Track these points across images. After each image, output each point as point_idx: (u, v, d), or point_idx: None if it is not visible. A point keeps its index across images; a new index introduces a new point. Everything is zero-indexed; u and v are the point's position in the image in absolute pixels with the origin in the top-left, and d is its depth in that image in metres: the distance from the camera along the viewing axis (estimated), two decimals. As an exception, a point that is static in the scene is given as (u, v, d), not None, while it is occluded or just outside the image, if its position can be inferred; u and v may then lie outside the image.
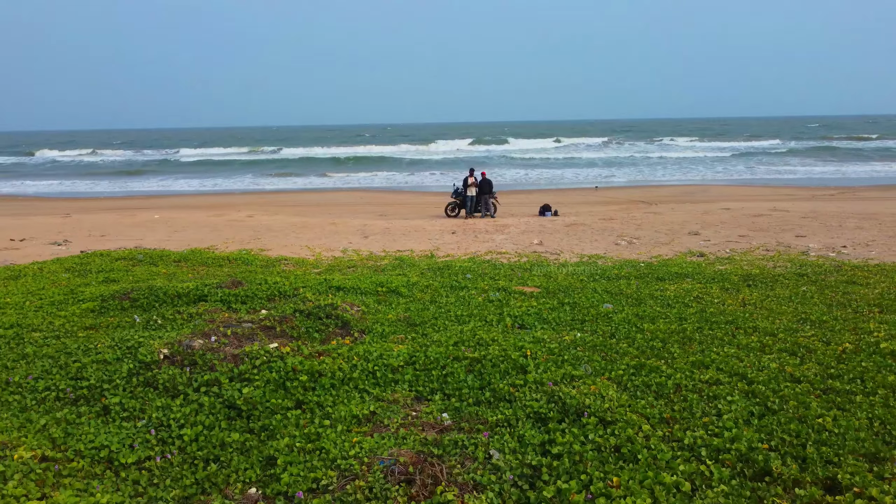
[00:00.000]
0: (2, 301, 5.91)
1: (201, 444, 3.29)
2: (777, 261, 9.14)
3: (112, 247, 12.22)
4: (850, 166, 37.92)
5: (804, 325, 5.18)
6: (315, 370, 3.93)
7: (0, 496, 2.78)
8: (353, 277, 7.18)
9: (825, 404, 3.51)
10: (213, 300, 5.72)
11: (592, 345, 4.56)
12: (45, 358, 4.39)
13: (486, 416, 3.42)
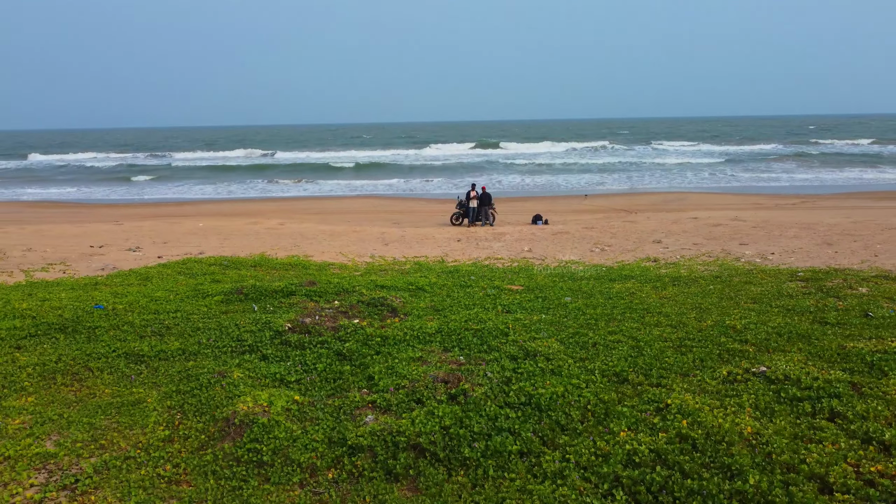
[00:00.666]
0: (153, 295, 8.62)
1: (328, 372, 6.00)
2: (710, 266, 11.84)
3: (176, 253, 14.94)
4: (829, 173, 40.62)
5: (693, 311, 7.88)
6: (384, 335, 6.65)
7: (237, 391, 5.48)
8: (389, 278, 9.88)
9: (674, 353, 6.22)
10: (299, 294, 8.43)
11: (550, 321, 7.27)
12: (212, 330, 7.11)
13: (484, 357, 6.13)
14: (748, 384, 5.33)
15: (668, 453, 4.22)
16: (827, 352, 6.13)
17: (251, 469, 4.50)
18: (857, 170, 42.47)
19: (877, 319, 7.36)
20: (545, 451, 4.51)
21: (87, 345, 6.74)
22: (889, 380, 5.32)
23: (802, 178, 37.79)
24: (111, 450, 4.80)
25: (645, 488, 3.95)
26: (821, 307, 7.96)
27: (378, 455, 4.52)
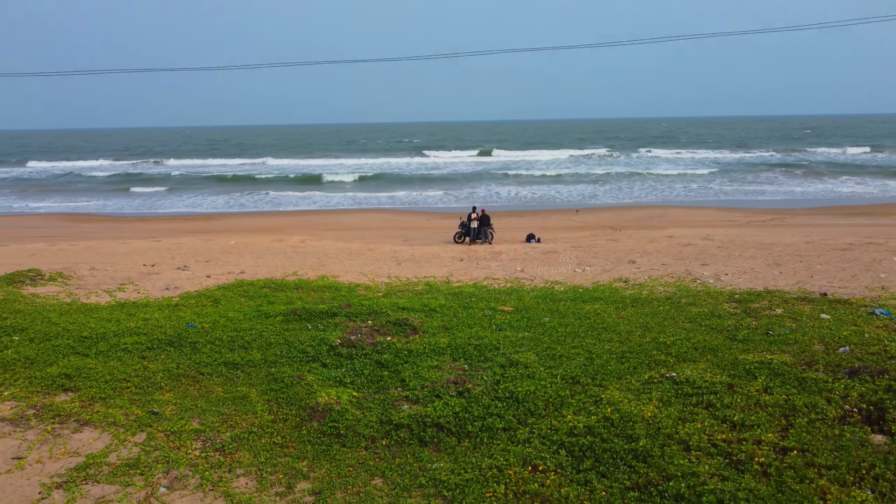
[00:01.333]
0: (227, 315, 11.17)
1: (372, 376, 8.54)
2: (668, 286, 14.37)
3: (220, 272, 17.46)
4: (811, 184, 43.23)
5: (639, 329, 10.43)
6: (409, 349, 9.20)
7: (313, 389, 8.01)
8: (406, 300, 12.41)
9: (616, 362, 8.76)
10: (341, 315, 10.98)
11: (531, 338, 9.83)
12: (282, 344, 9.66)
13: (481, 365, 8.68)
14: (660, 385, 7.87)
15: (595, 428, 6.76)
16: (724, 362, 8.67)
17: (332, 439, 7.05)
18: (839, 180, 45.07)
19: (774, 337, 9.90)
20: (520, 427, 7.06)
21: (194, 356, 9.30)
22: (756, 382, 7.86)
23: (785, 192, 40.26)
24: (238, 427, 7.35)
25: (578, 448, 6.48)
26: (737, 326, 10.51)
27: (413, 429, 7.07)
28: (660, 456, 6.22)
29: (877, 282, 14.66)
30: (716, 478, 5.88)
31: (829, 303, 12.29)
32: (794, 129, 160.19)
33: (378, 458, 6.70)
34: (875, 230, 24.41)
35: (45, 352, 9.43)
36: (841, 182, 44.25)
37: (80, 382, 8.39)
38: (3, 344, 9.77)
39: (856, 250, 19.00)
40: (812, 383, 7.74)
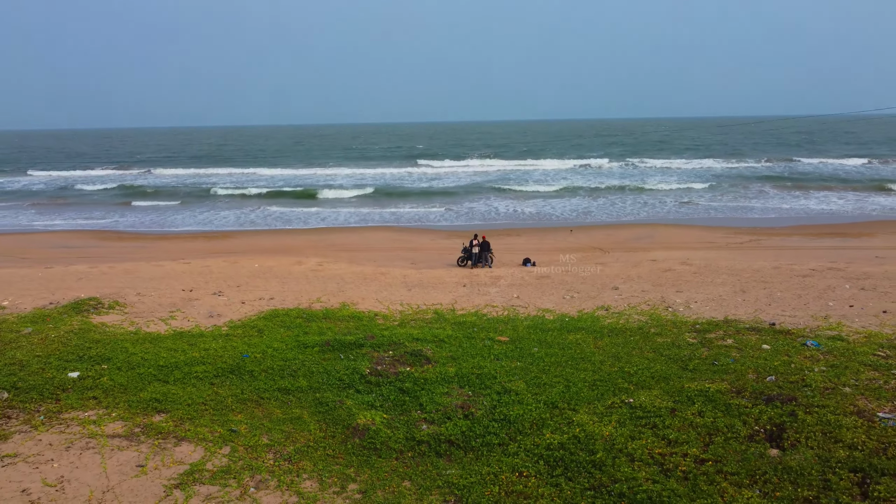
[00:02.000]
0: (273, 346, 13.53)
1: (396, 401, 10.91)
2: (642, 315, 16.71)
3: (251, 297, 19.79)
4: (795, 200, 45.46)
5: (610, 359, 12.78)
6: (425, 377, 11.57)
7: (352, 411, 10.38)
8: (419, 330, 14.77)
9: (588, 389, 11.12)
10: (366, 347, 13.34)
11: (521, 367, 12.19)
12: (322, 373, 12.02)
13: (482, 392, 11.04)
14: (619, 409, 10.24)
15: (566, 444, 9.13)
16: (672, 390, 11.03)
17: (371, 452, 9.41)
18: (825, 195, 47.46)
19: (718, 366, 12.26)
20: (510, 443, 9.42)
21: (253, 382, 11.68)
22: (693, 407, 10.22)
23: (769, 208, 42.39)
24: (298, 442, 9.72)
25: (552, 459, 8.85)
26: (690, 357, 12.87)
27: (431, 444, 9.44)
28: (611, 465, 8.59)
29: (823, 310, 17.04)
30: (649, 481, 8.25)
31: (774, 333, 14.66)
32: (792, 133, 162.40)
33: (406, 466, 9.07)
34: (840, 254, 26.75)
35: (133, 379, 11.81)
36: (824, 197, 46.49)
37: (168, 406, 10.77)
38: (98, 372, 12.14)
39: (815, 276, 21.37)
40: (735, 408, 10.11)
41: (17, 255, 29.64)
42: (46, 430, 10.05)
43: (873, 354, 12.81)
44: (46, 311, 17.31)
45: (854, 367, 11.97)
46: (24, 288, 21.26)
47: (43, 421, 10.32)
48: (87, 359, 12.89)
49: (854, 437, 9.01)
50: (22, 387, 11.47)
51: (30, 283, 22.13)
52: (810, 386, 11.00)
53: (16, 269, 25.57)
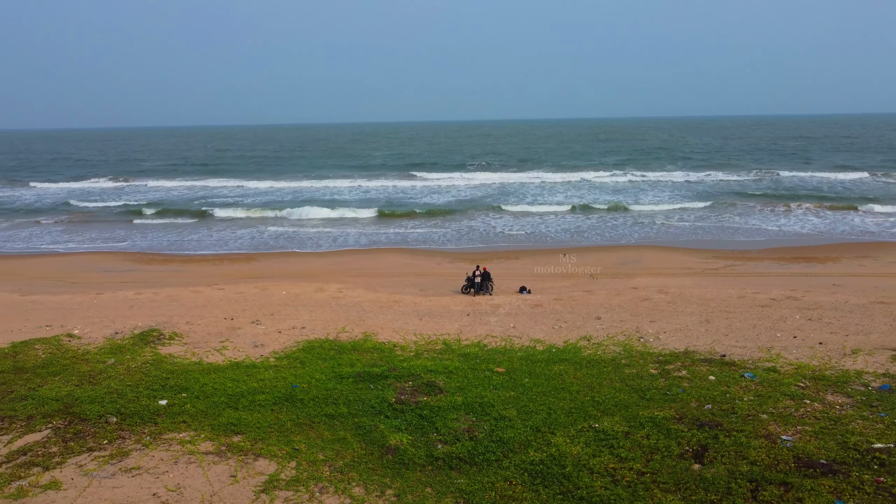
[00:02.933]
0: (315, 377, 16.81)
1: (417, 425, 14.19)
2: (617, 346, 19.94)
3: (285, 326, 23.04)
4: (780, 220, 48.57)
5: (585, 388, 16.05)
6: (438, 405, 14.87)
7: (385, 433, 13.68)
8: (431, 362, 18.04)
9: (565, 416, 14.40)
10: (390, 378, 16.64)
11: (514, 397, 15.47)
12: (357, 401, 15.33)
13: (483, 418, 14.33)
14: (587, 433, 13.50)
15: (545, 460, 12.40)
16: (630, 416, 14.29)
17: (401, 466, 12.68)
18: (805, 213, 50.65)
19: (670, 395, 15.51)
20: (504, 459, 12.70)
21: (304, 409, 14.96)
22: (643, 430, 13.47)
23: (753, 230, 45.27)
24: (345, 458, 12.99)
25: (534, 472, 12.11)
26: (649, 387, 16.12)
27: (446, 460, 12.72)
28: (576, 476, 11.87)
29: (770, 341, 20.30)
30: (602, 488, 11.52)
31: (722, 365, 17.94)
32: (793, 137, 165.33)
33: (427, 477, 12.35)
34: (803, 281, 30.00)
35: (210, 406, 15.11)
36: (804, 216, 49.72)
37: (243, 428, 14.06)
38: (181, 400, 15.45)
39: (773, 306, 24.62)
40: (674, 432, 13.38)
41: (68, 280, 32.99)
42: (155, 448, 13.34)
43: (795, 385, 16.10)
44: (117, 341, 20.66)
45: (775, 397, 15.25)
46: (85, 316, 24.62)
47: (150, 441, 13.61)
48: (169, 388, 16.20)
49: (757, 456, 12.28)
50: (125, 412, 14.78)
51: (88, 311, 25.49)
52: (736, 413, 14.28)
53: (71, 294, 28.95)
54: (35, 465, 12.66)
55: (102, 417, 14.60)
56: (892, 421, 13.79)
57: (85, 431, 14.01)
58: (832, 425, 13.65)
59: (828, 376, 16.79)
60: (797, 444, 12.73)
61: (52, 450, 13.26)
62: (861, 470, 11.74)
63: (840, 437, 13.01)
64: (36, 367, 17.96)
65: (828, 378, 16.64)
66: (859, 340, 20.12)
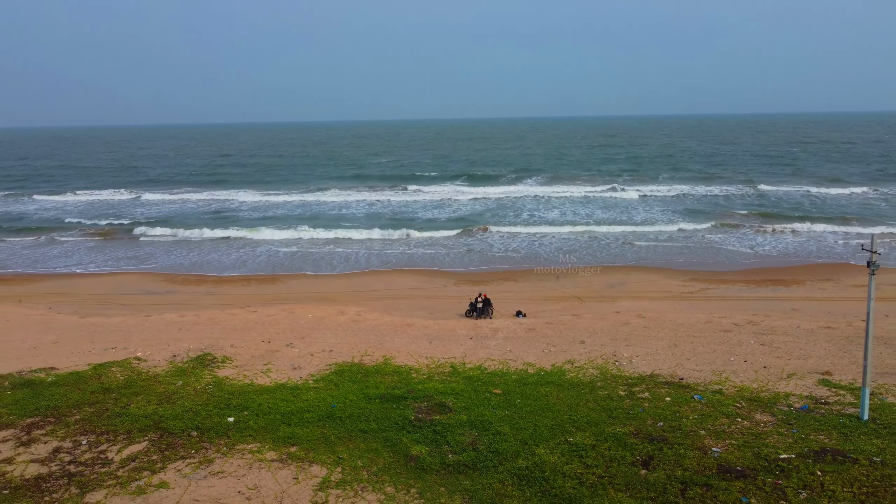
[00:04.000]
0: (348, 398, 20.86)
1: (431, 439, 18.25)
2: (595, 369, 23.94)
3: (316, 349, 27.07)
4: (758, 240, 52.49)
5: (565, 408, 20.09)
6: (448, 422, 18.94)
7: (408, 445, 17.75)
8: (441, 384, 22.09)
9: (548, 431, 18.46)
10: (409, 399, 20.71)
11: (507, 415, 19.52)
12: (384, 419, 19.39)
13: (483, 433, 18.38)
14: (563, 445, 17.55)
15: (530, 467, 16.44)
16: (597, 432, 18.32)
17: (421, 471, 16.73)
18: (781, 230, 54.61)
19: (632, 414, 19.53)
20: (499, 466, 16.76)
21: (343, 425, 19.03)
22: (606, 444, 17.51)
23: (734, 251, 48.93)
24: (378, 465, 17.05)
25: (521, 476, 16.15)
26: (616, 407, 20.14)
27: (455, 467, 16.78)
28: (552, 479, 15.92)
29: (724, 365, 24.32)
30: (571, 488, 15.55)
31: (678, 387, 21.97)
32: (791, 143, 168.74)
33: (441, 479, 16.39)
34: (766, 305, 34.02)
35: (268, 423, 19.17)
36: (783, 237, 53.55)
37: (297, 441, 18.12)
38: (244, 418, 19.51)
39: (733, 332, 28.63)
40: (630, 445, 17.42)
41: (115, 302, 37.12)
42: (231, 456, 17.41)
43: (733, 405, 20.14)
44: (178, 364, 24.77)
45: (714, 416, 19.29)
46: (143, 338, 28.73)
47: (227, 451, 17.68)
48: (233, 407, 20.28)
49: (689, 464, 16.32)
50: (203, 428, 18.86)
51: (143, 334, 29.60)
52: (681, 429, 18.33)
53: (122, 317, 33.08)
54: (144, 469, 16.74)
55: (185, 432, 18.69)
56: (800, 436, 17.85)
57: (175, 443, 18.09)
58: (753, 439, 17.70)
59: (761, 398, 20.85)
60: (722, 455, 16.79)
61: (153, 458, 17.34)
62: (766, 475, 15.78)
63: (756, 449, 17.06)
64: (120, 388, 22.07)
65: (761, 399, 20.70)
66: (798, 365, 24.19)
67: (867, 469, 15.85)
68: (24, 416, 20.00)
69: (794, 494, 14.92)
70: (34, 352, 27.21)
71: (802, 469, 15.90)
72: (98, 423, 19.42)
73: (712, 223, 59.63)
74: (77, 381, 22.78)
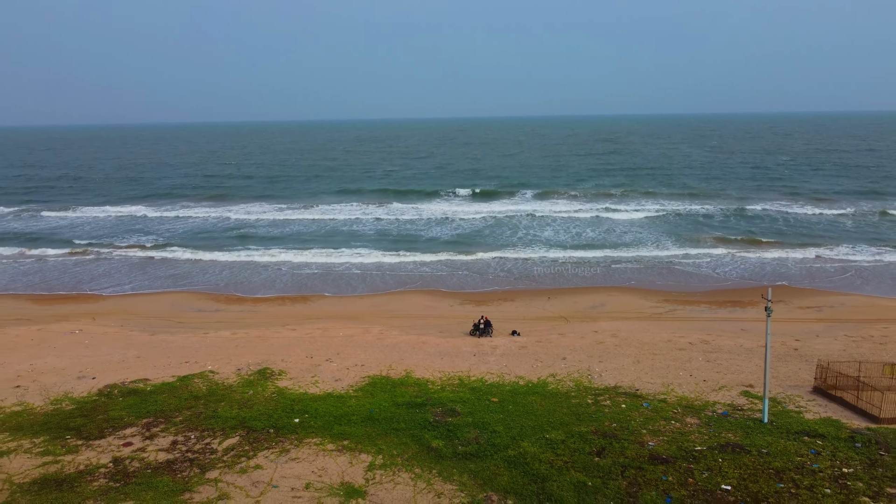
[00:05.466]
0: (382, 405, 27.61)
1: (446, 435, 24.99)
2: (571, 382, 30.60)
3: (350, 364, 33.77)
4: (725, 262, 59.10)
5: (545, 412, 26.79)
6: (458, 424, 25.69)
7: (429, 440, 24.50)
8: (452, 394, 28.79)
9: (531, 430, 25.20)
10: (427, 406, 27.45)
11: (502, 418, 26.23)
12: (411, 420, 26.14)
13: (483, 431, 25.12)
14: (541, 440, 24.26)
15: (516, 455, 23.11)
16: (567, 430, 25.00)
17: (439, 458, 23.43)
18: (753, 252, 61.18)
19: (594, 416, 26.21)
20: (494, 455, 23.44)
21: (380, 426, 25.80)
22: (572, 439, 24.19)
23: (705, 275, 55.71)
24: (408, 453, 23.76)
25: (511, 462, 22.86)
26: (583, 412, 26.82)
27: (463, 455, 23.50)
28: (532, 463, 22.62)
29: (673, 379, 30.99)
30: (545, 470, 22.24)
31: (633, 397, 28.65)
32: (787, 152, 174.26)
33: (453, 464, 23.09)
34: (720, 325, 40.65)
35: (324, 423, 25.90)
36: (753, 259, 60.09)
37: (348, 437, 24.85)
38: (306, 419, 26.25)
39: (687, 350, 35.32)
40: (590, 440, 24.14)
41: (174, 320, 43.93)
42: (301, 448, 24.14)
43: (671, 412, 26.83)
44: (244, 376, 31.52)
45: (655, 419, 25.99)
46: (209, 354, 35.50)
47: (298, 444, 24.42)
48: (296, 411, 27.03)
49: (630, 453, 23.00)
50: (277, 426, 25.61)
51: (208, 349, 36.37)
52: (629, 429, 25.04)
53: (185, 334, 39.86)
54: (241, 456, 23.50)
55: (265, 429, 25.44)
56: (714, 434, 24.54)
57: (259, 438, 24.85)
58: (679, 437, 24.40)
59: (695, 405, 27.54)
60: (654, 447, 23.49)
61: (245, 448, 24.09)
62: (683, 461, 22.47)
63: (680, 443, 23.75)
64: (206, 396, 28.84)
65: (694, 406, 27.39)
66: (731, 378, 30.86)
67: (755, 457, 22.55)
68: (139, 417, 26.79)
69: (699, 474, 21.62)
70: (124, 365, 34.00)
71: (709, 457, 22.60)
72: (197, 422, 26.21)
73: (690, 246, 66.09)
74: (171, 390, 29.58)
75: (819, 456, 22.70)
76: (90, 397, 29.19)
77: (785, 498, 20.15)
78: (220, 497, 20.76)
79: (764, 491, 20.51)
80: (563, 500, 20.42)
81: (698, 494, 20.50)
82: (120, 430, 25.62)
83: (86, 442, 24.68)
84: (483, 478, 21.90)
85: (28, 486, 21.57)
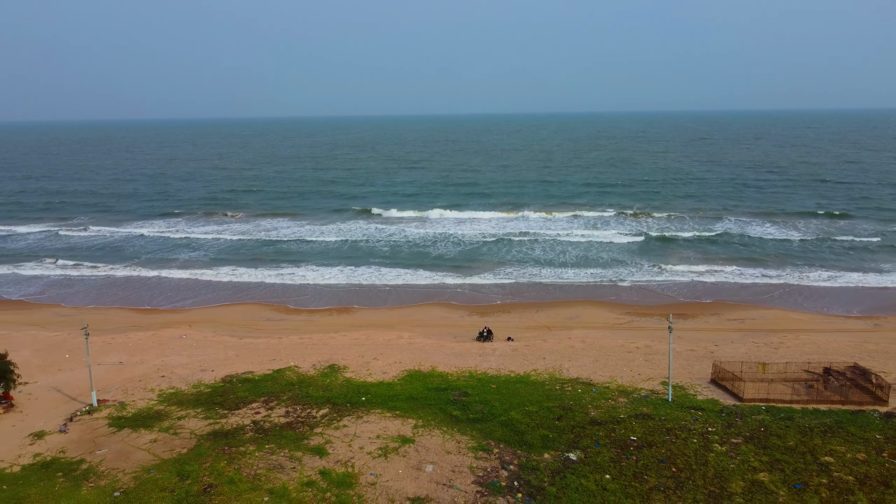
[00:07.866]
0: (417, 389, 41.29)
1: (462, 408, 38.68)
2: (547, 374, 44.11)
3: (391, 361, 47.27)
4: (687, 275, 72.57)
5: (527, 394, 40.41)
6: (469, 401, 39.40)
7: (453, 413, 38.20)
8: (464, 382, 42.38)
9: (517, 410, 38.86)
10: (449, 390, 41.14)
11: (499, 398, 39.81)
12: (441, 400, 39.85)
13: (484, 405, 38.77)
14: (523, 411, 37.90)
15: (507, 420, 36.71)
16: (539, 406, 38.56)
17: (457, 422, 37.10)
18: (708, 273, 74.67)
19: (559, 397, 39.78)
20: (492, 419, 37.07)
21: (418, 402, 39.54)
22: (543, 411, 37.77)
23: (668, 289, 69.26)
24: (437, 420, 37.38)
25: (503, 424, 36.48)
26: (553, 394, 40.41)
27: (473, 420, 37.17)
28: (516, 424, 36.23)
29: (618, 373, 44.61)
30: (524, 428, 35.83)
31: (587, 385, 42.31)
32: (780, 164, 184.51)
33: (467, 426, 36.66)
34: (663, 333, 53.82)
35: (382, 400, 39.59)
36: (705, 279, 73.35)
37: (399, 410, 38.49)
38: (370, 398, 39.94)
39: (634, 353, 48.92)
40: (554, 410, 37.79)
41: (251, 327, 57.67)
42: (369, 416, 37.77)
43: (611, 394, 40.48)
44: (319, 370, 45.26)
45: (599, 399, 39.69)
46: (287, 353, 49.27)
47: (366, 413, 38.09)
48: (361, 392, 40.73)
49: (579, 420, 36.59)
50: (351, 402, 39.33)
51: (287, 350, 50.15)
52: (580, 404, 38.73)
53: (265, 339, 53.67)
54: (333, 419, 37.19)
55: (344, 404, 39.11)
56: (634, 409, 38.09)
57: (342, 409, 38.52)
58: (611, 409, 37.99)
59: (627, 390, 41.14)
60: (595, 416, 37.10)
61: (334, 415, 37.76)
62: (611, 424, 36.05)
63: (611, 413, 37.33)
64: (298, 383, 42.55)
65: (626, 391, 41.00)
66: (658, 373, 44.44)
67: (656, 421, 36.14)
68: (258, 396, 40.52)
69: (619, 431, 35.21)
70: (229, 361, 47.74)
71: (628, 422, 36.20)
72: (298, 400, 39.92)
73: (657, 265, 79.24)
74: (272, 379, 43.31)
75: (696, 421, 36.30)
76: (218, 384, 42.95)
77: (667, 443, 33.78)
78: (326, 442, 34.47)
79: (656, 440, 34.12)
80: (533, 445, 34.10)
81: (615, 441, 34.16)
82: (249, 404, 39.39)
83: (230, 411, 38.46)
84: (485, 433, 35.55)
85: (206, 436, 35.35)
